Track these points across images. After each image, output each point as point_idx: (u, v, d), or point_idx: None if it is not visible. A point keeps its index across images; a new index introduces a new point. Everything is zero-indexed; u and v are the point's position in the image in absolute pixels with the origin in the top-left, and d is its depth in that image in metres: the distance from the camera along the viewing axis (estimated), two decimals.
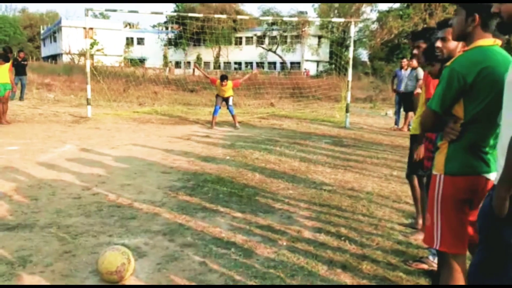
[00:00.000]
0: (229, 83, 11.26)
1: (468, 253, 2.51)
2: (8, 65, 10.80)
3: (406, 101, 11.30)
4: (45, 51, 62.75)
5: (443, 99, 2.33)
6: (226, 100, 11.32)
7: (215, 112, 11.32)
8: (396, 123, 12.19)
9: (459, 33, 2.43)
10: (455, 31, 2.46)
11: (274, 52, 46.81)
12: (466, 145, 2.34)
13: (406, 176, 4.44)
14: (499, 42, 2.35)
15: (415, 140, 4.00)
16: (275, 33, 47.19)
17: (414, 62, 10.95)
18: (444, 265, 2.49)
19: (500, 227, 1.93)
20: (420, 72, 10.55)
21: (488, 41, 2.32)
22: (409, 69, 11.38)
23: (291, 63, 48.32)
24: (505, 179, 1.86)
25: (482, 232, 2.08)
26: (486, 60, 2.26)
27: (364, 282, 3.26)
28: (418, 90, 10.58)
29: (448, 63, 2.38)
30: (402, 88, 11.44)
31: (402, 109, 12.18)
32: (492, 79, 2.23)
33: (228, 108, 11.42)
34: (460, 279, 2.43)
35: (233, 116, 11.38)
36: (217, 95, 11.44)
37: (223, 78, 11.23)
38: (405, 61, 11.90)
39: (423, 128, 2.54)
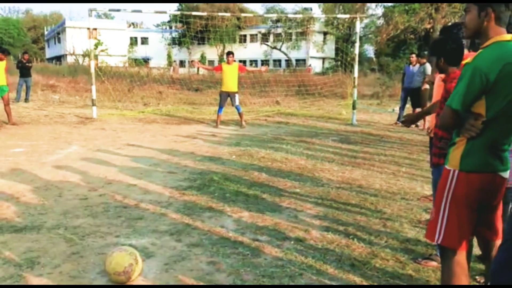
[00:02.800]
0: (235, 64, 11.15)
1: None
2: (3, 65, 10.62)
3: (414, 97, 11.25)
4: (49, 52, 63.04)
5: (465, 98, 2.27)
6: (231, 97, 11.13)
7: (219, 110, 11.23)
8: (399, 118, 12.11)
9: (473, 30, 2.38)
10: (468, 29, 2.41)
11: (279, 49, 46.73)
12: (485, 143, 2.30)
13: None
14: None
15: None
16: (279, 30, 47.10)
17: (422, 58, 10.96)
18: (446, 261, 2.48)
19: None
20: (428, 68, 10.52)
21: (506, 36, 2.28)
22: (417, 65, 11.32)
23: (297, 60, 48.21)
24: None
25: None
26: (506, 56, 2.22)
27: (373, 280, 3.23)
28: (426, 86, 10.56)
29: (468, 60, 2.32)
30: (409, 84, 11.39)
31: (407, 105, 12.16)
32: None
33: (235, 107, 11.28)
34: (462, 275, 2.41)
35: (240, 114, 11.24)
36: (221, 93, 11.18)
37: (229, 53, 11.17)
38: (414, 57, 11.82)
39: (442, 127, 2.48)
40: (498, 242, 2.33)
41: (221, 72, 11.25)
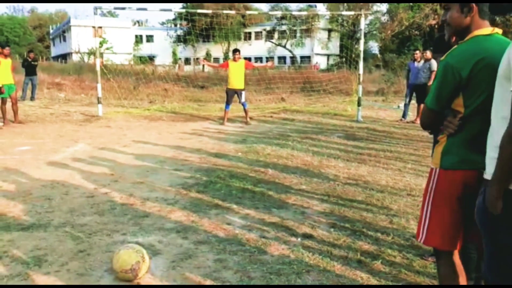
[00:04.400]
0: (242, 61, 11.13)
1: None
2: (9, 63, 10.51)
3: (419, 93, 11.19)
4: (55, 50, 63.18)
5: (439, 96, 2.23)
6: (238, 94, 11.08)
7: (226, 107, 11.20)
8: (404, 115, 12.05)
9: (457, 28, 2.30)
10: (451, 27, 2.32)
11: (284, 46, 46.59)
12: (465, 139, 2.23)
13: None
14: (498, 30, 2.23)
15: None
16: (284, 27, 46.93)
17: (428, 54, 10.92)
18: (438, 261, 2.45)
19: (496, 224, 1.87)
20: (434, 64, 10.45)
21: (486, 30, 2.20)
22: (422, 61, 11.27)
23: (301, 57, 48.08)
24: (497, 178, 1.82)
25: (482, 229, 2.00)
26: (482, 51, 2.14)
27: (380, 277, 3.22)
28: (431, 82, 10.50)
29: (442, 57, 2.25)
30: (415, 80, 11.34)
31: (410, 102, 12.09)
32: (490, 71, 2.06)
33: (241, 103, 11.26)
34: (455, 275, 2.38)
35: (245, 110, 11.22)
36: (228, 91, 11.15)
37: (235, 50, 11.13)
38: (418, 53, 11.78)
39: (422, 126, 2.46)
40: None
41: (228, 70, 11.24)
